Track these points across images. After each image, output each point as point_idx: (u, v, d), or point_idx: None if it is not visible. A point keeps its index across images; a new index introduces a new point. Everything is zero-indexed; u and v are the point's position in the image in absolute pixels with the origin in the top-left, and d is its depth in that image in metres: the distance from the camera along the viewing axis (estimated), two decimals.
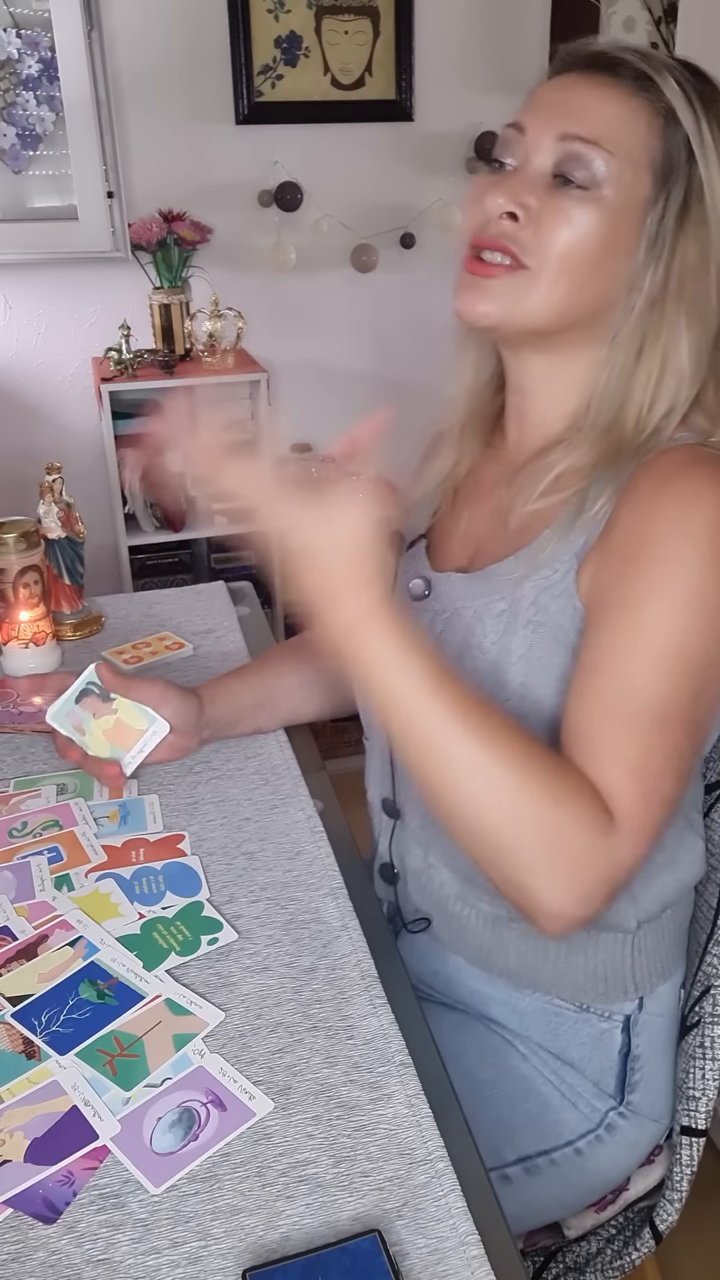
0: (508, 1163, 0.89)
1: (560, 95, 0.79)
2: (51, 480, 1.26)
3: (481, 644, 0.83)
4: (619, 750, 0.72)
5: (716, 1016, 0.88)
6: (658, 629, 0.72)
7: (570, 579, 0.79)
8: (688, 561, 0.72)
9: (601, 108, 0.77)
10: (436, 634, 0.87)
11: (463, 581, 0.88)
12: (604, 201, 0.77)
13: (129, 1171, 0.64)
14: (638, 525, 0.75)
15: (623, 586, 0.74)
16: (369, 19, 2.54)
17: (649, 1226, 0.92)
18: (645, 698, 0.72)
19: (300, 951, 0.80)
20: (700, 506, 0.73)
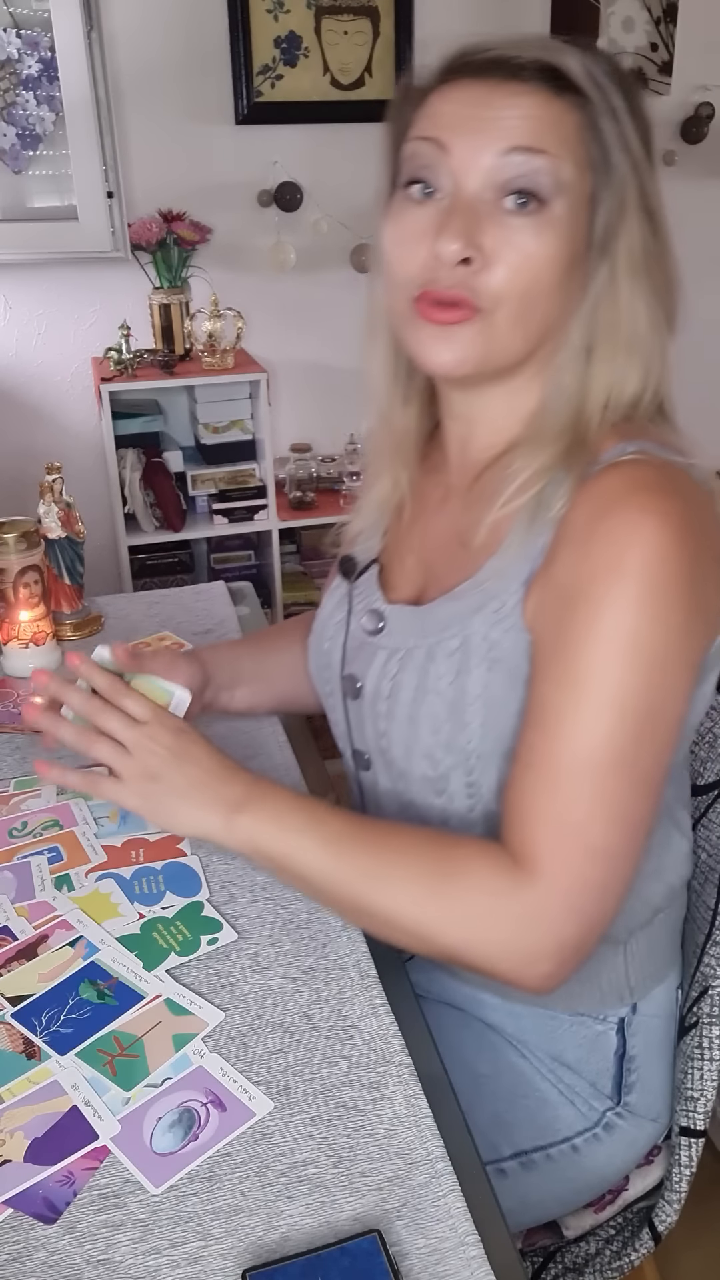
0: (503, 1157, 0.89)
1: (477, 107, 0.73)
2: (51, 480, 1.26)
3: (438, 686, 0.81)
4: (539, 804, 0.72)
5: (715, 1017, 0.88)
6: (591, 677, 0.71)
7: (518, 611, 0.77)
8: (621, 605, 0.70)
9: (530, 113, 0.72)
10: (392, 674, 0.85)
11: (414, 616, 0.86)
12: (557, 220, 0.73)
13: (129, 1171, 0.64)
14: (574, 564, 0.73)
15: (560, 635, 0.73)
16: (368, 19, 2.54)
17: (648, 1227, 0.92)
18: (575, 748, 0.71)
19: (300, 951, 0.80)
20: (633, 544, 0.70)
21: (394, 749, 0.85)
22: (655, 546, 0.70)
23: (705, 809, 0.97)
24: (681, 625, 0.71)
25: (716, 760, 0.97)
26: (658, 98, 2.82)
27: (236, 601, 1.43)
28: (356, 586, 0.94)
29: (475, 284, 0.73)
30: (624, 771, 0.71)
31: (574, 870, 0.71)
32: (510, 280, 0.73)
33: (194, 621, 1.35)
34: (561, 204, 0.72)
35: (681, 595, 0.70)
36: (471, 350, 0.76)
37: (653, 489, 0.72)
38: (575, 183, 0.73)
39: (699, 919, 0.95)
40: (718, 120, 2.88)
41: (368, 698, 0.88)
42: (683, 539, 0.70)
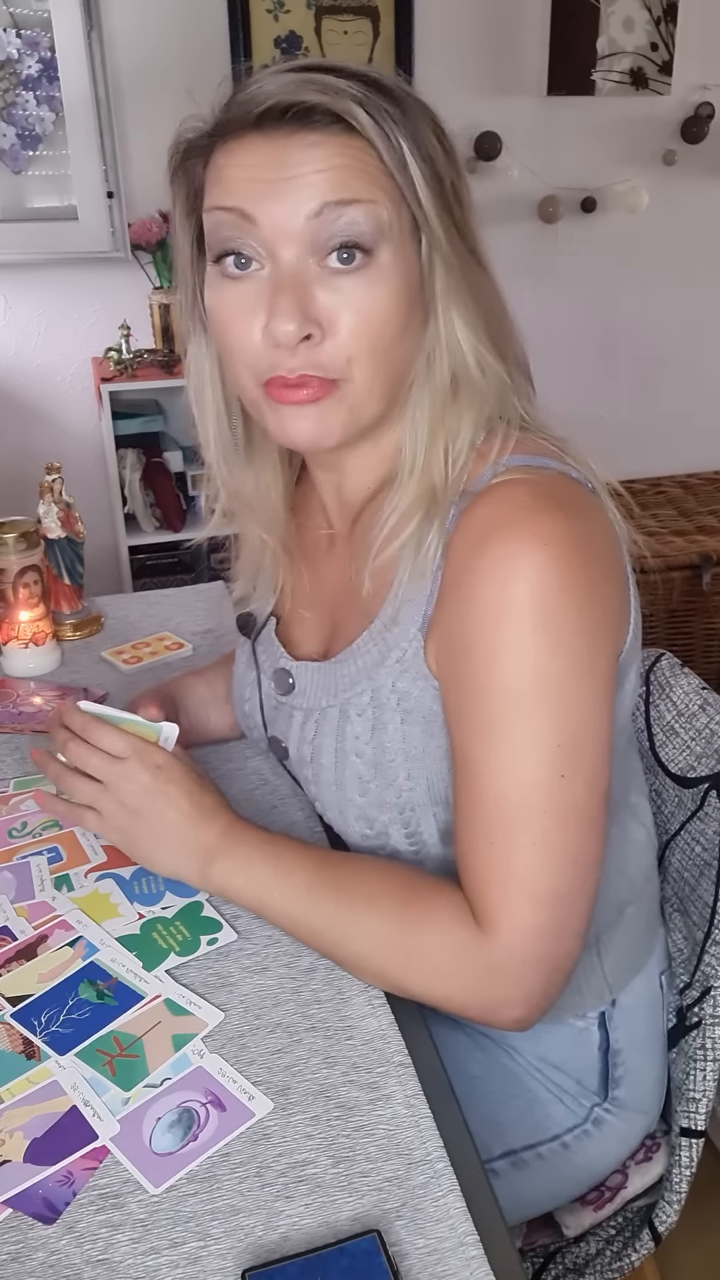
0: (494, 1157, 0.89)
1: (271, 168, 0.67)
2: (51, 480, 1.26)
3: (356, 746, 0.79)
4: (481, 860, 0.71)
5: (716, 1018, 0.88)
6: (502, 724, 0.69)
7: (419, 658, 0.75)
8: (517, 646, 0.67)
9: (332, 163, 0.66)
10: (310, 738, 0.83)
11: (321, 672, 0.83)
12: (385, 267, 0.68)
13: (129, 1171, 0.64)
14: (461, 607, 0.70)
15: (464, 684, 0.71)
16: (369, 19, 2.54)
17: (648, 1227, 0.92)
18: (501, 798, 0.70)
19: (299, 951, 0.80)
20: (516, 577, 0.66)
21: (328, 811, 0.84)
22: (540, 575, 0.66)
23: (701, 802, 0.97)
24: (584, 648, 0.69)
25: (712, 755, 0.97)
26: (658, 98, 2.82)
27: None
28: (259, 644, 0.93)
29: (321, 359, 0.69)
30: (556, 811, 0.69)
31: (525, 921, 0.70)
32: (356, 343, 0.69)
33: (194, 621, 1.35)
34: (387, 250, 0.68)
35: (579, 617, 0.68)
36: (334, 421, 0.72)
37: (527, 510, 0.68)
38: (394, 222, 0.68)
39: (698, 916, 0.94)
40: (718, 120, 2.88)
41: (293, 762, 0.87)
42: (568, 558, 0.67)
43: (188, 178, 0.75)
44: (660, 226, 2.93)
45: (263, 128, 0.67)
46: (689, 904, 0.97)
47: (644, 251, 2.95)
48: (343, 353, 0.69)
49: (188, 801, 0.80)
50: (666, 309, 3.06)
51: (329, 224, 0.67)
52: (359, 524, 0.83)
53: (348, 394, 0.72)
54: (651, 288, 3.01)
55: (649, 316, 3.06)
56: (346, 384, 0.71)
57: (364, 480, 0.82)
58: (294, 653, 0.89)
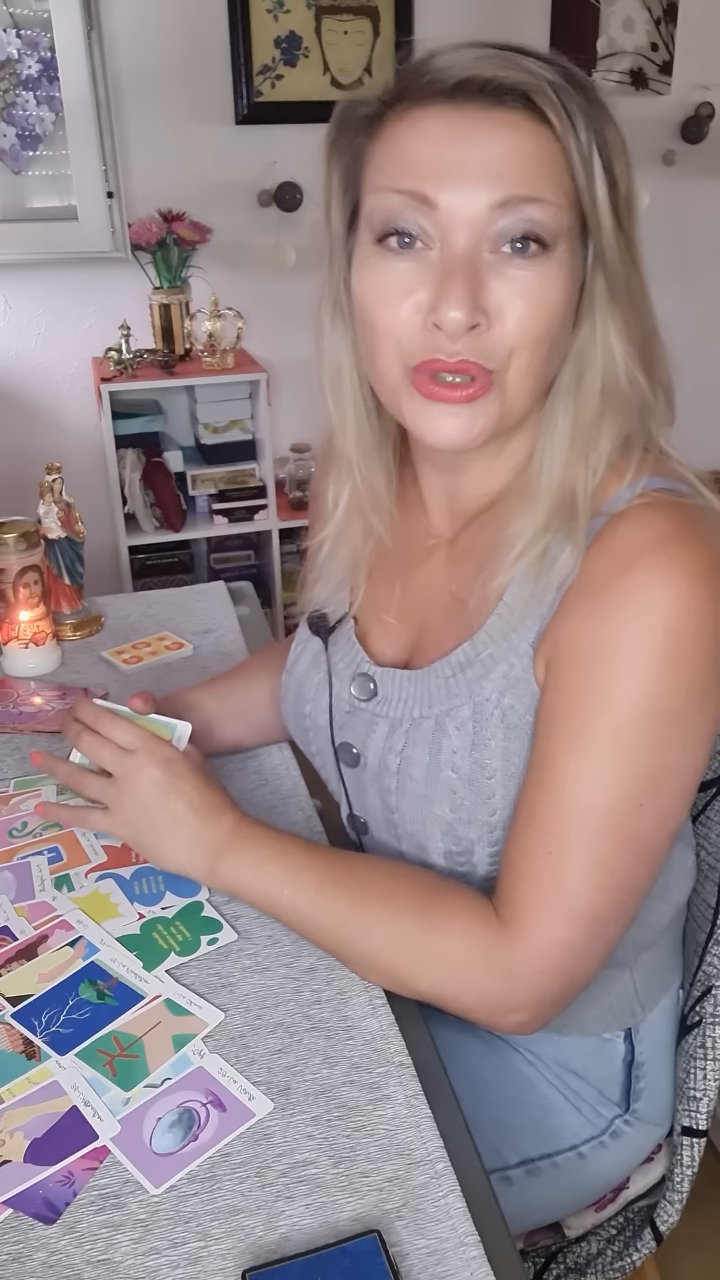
0: (509, 1165, 0.88)
1: (458, 146, 0.64)
2: (51, 480, 1.26)
3: (453, 761, 0.76)
4: (534, 865, 0.70)
5: (717, 1017, 0.88)
6: (600, 741, 0.67)
7: (528, 672, 0.73)
8: (641, 669, 0.66)
9: (521, 151, 0.64)
10: (398, 749, 0.80)
11: (412, 682, 0.80)
12: (560, 261, 0.66)
13: (129, 1172, 0.64)
14: (592, 622, 0.68)
15: (573, 694, 0.69)
16: (368, 19, 2.55)
17: (650, 1227, 0.92)
18: (576, 812, 0.69)
19: (300, 951, 0.80)
20: (659, 603, 0.65)
21: (407, 824, 0.81)
22: (683, 606, 0.65)
23: (704, 806, 0.97)
24: (703, 689, 0.67)
25: (716, 758, 0.97)
26: (658, 98, 2.82)
27: (236, 601, 1.42)
28: (331, 644, 0.88)
29: (483, 345, 0.67)
30: (623, 839, 0.69)
31: (555, 935, 0.70)
32: (523, 333, 0.67)
33: (194, 621, 1.35)
34: (563, 245, 0.67)
35: (707, 657, 0.67)
36: (485, 422, 0.70)
37: (676, 539, 0.67)
38: (571, 221, 0.67)
39: (700, 918, 0.94)
40: (718, 120, 2.88)
41: (371, 769, 0.83)
42: (711, 593, 0.66)
43: (350, 151, 0.71)
44: (660, 226, 2.93)
45: (455, 98, 0.65)
46: (693, 908, 0.97)
47: (644, 251, 2.95)
48: (507, 342, 0.67)
49: (197, 796, 0.80)
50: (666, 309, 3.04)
51: (510, 214, 0.65)
52: (469, 531, 0.81)
53: (502, 391, 0.69)
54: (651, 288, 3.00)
55: None
56: (503, 377, 0.68)
57: (483, 487, 0.79)
58: (375, 659, 0.85)
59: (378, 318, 0.69)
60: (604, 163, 0.66)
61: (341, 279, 0.74)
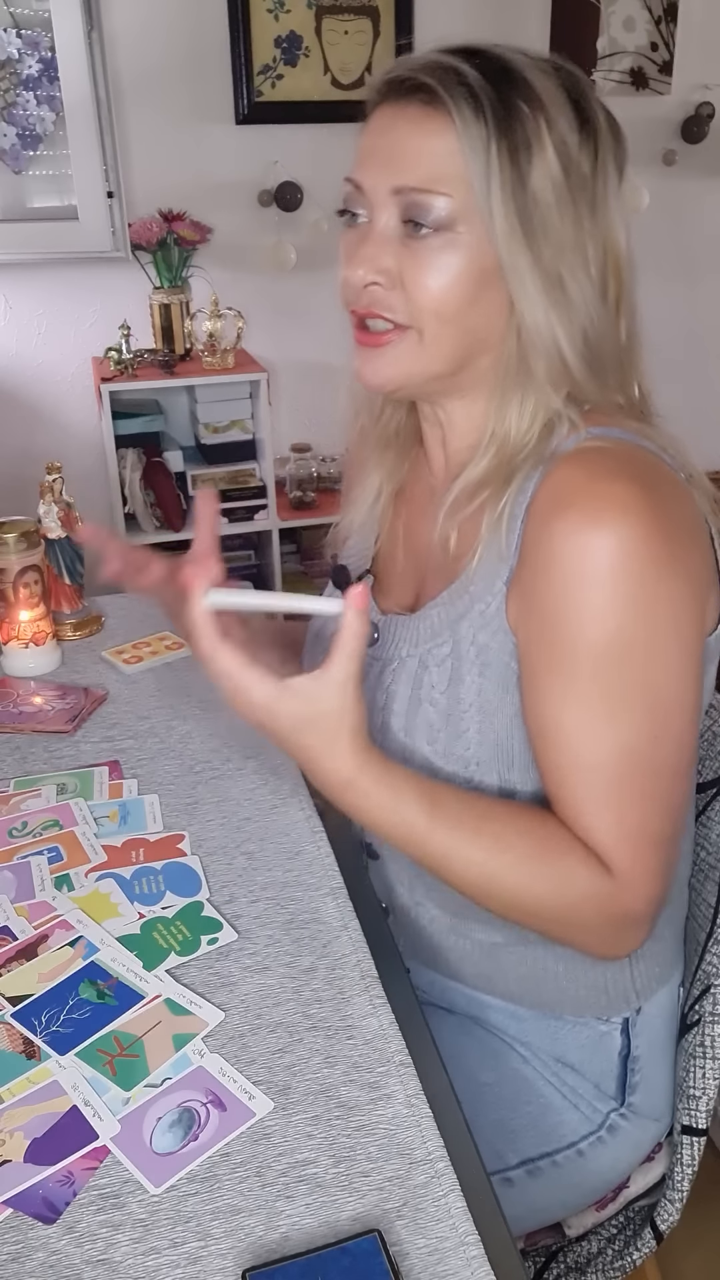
0: (510, 1165, 0.88)
1: (383, 140, 0.75)
2: (51, 480, 1.26)
3: (431, 695, 0.82)
4: (597, 820, 0.74)
5: (716, 1016, 0.88)
6: (592, 691, 0.71)
7: (501, 613, 0.78)
8: (603, 610, 0.70)
9: (426, 143, 0.73)
10: (386, 685, 0.85)
11: (405, 625, 0.86)
12: (460, 239, 0.73)
13: (129, 1171, 0.64)
14: (543, 568, 0.72)
15: (549, 649, 0.73)
16: (369, 19, 2.54)
17: (650, 1226, 0.92)
18: (603, 765, 0.72)
19: (300, 951, 0.80)
20: (597, 541, 0.69)
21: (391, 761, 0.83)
22: (620, 541, 0.69)
23: (704, 806, 0.97)
24: (667, 613, 0.71)
25: (716, 758, 0.97)
26: (658, 97, 2.82)
27: None
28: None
29: (390, 301, 0.76)
30: (653, 769, 0.73)
31: (649, 865, 0.74)
32: (419, 295, 0.75)
33: None
34: (465, 226, 0.73)
35: (661, 583, 0.70)
36: (398, 368, 0.78)
37: (610, 477, 0.71)
38: (482, 210, 0.72)
39: (700, 917, 0.94)
40: (718, 120, 2.88)
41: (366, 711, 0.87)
42: (649, 524, 0.69)
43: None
44: (660, 226, 2.93)
45: (387, 97, 0.75)
46: (692, 907, 0.97)
47: (644, 251, 2.93)
48: (410, 303, 0.76)
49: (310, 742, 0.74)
50: (666, 309, 3.05)
51: (408, 202, 0.74)
52: (446, 483, 0.85)
53: (414, 345, 0.77)
54: (651, 287, 2.98)
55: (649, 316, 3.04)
56: (414, 333, 0.77)
57: (466, 439, 0.84)
58: (383, 605, 0.91)
59: (341, 278, 0.80)
60: (507, 157, 0.71)
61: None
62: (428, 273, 0.75)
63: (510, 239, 0.73)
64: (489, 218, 0.73)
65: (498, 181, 0.72)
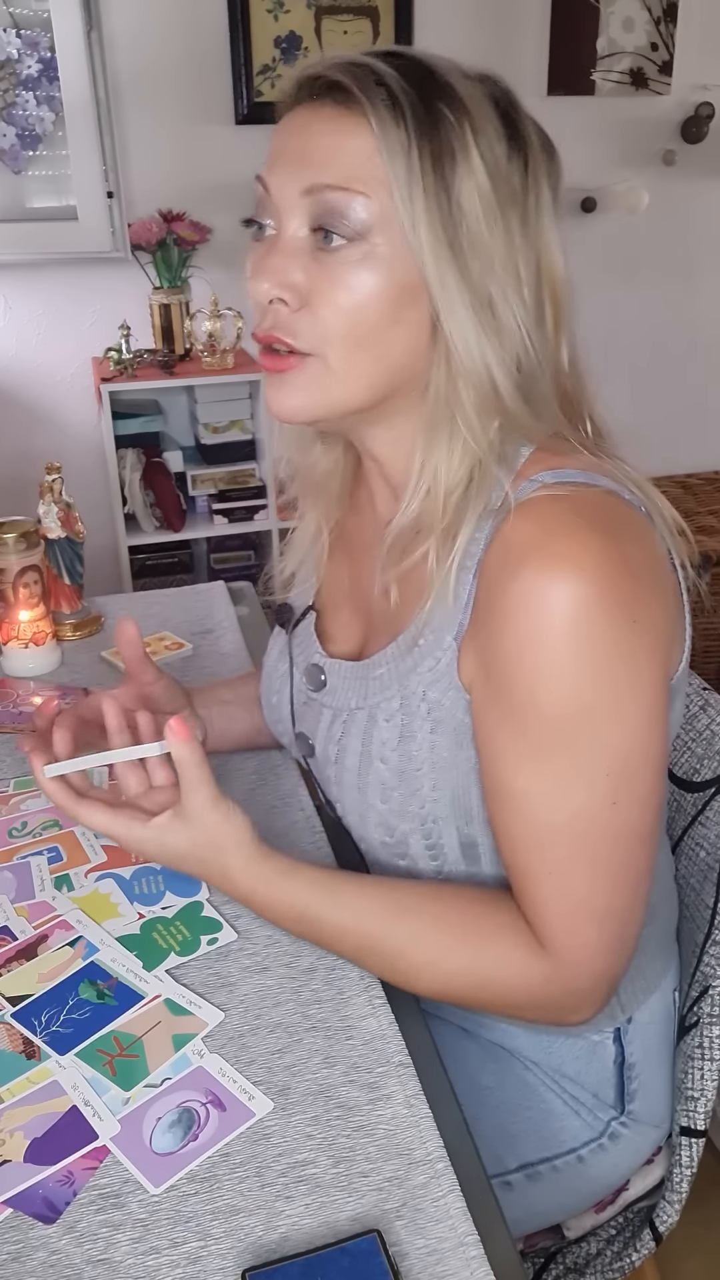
0: (509, 1169, 0.88)
1: (296, 139, 0.68)
2: (51, 480, 1.26)
3: (382, 752, 0.78)
4: (540, 890, 0.71)
5: (715, 1017, 0.88)
6: (550, 755, 0.68)
7: (453, 669, 0.73)
8: (558, 675, 0.66)
9: (344, 142, 0.66)
10: (336, 738, 0.82)
11: (353, 673, 0.82)
12: (377, 251, 0.66)
13: (129, 1171, 0.64)
14: (498, 630, 0.68)
15: (505, 712, 0.69)
16: (369, 19, 2.55)
17: (649, 1227, 0.92)
18: (554, 828, 0.69)
19: (300, 951, 0.80)
20: (552, 605, 0.64)
21: (349, 815, 0.83)
22: (575, 601, 0.64)
23: (703, 806, 0.97)
24: (626, 673, 0.67)
25: (714, 757, 0.97)
26: (658, 97, 2.82)
27: (236, 601, 1.43)
28: (295, 636, 0.91)
29: (295, 326, 0.69)
30: (610, 834, 0.69)
31: (590, 942, 0.72)
32: (333, 319, 0.68)
33: (194, 621, 1.35)
34: (380, 238, 0.66)
35: (619, 642, 0.66)
36: (304, 398, 0.71)
37: (565, 528, 0.66)
38: (399, 217, 0.66)
39: (698, 918, 0.94)
40: (718, 120, 2.88)
41: (318, 760, 0.86)
42: (607, 580, 0.65)
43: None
44: (660, 226, 2.93)
45: (299, 97, 0.69)
46: (691, 908, 0.97)
47: (644, 251, 2.95)
48: (320, 326, 0.69)
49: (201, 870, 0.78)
50: (666, 309, 3.06)
51: (321, 203, 0.67)
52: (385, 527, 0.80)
53: (324, 370, 0.70)
54: (651, 288, 3.01)
55: (648, 316, 3.06)
56: (323, 360, 0.70)
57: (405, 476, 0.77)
58: (329, 649, 0.87)
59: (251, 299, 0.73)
60: (431, 160, 0.65)
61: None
62: (339, 289, 0.68)
63: (435, 251, 0.66)
64: (411, 227, 0.66)
65: (420, 187, 0.65)
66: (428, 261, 0.67)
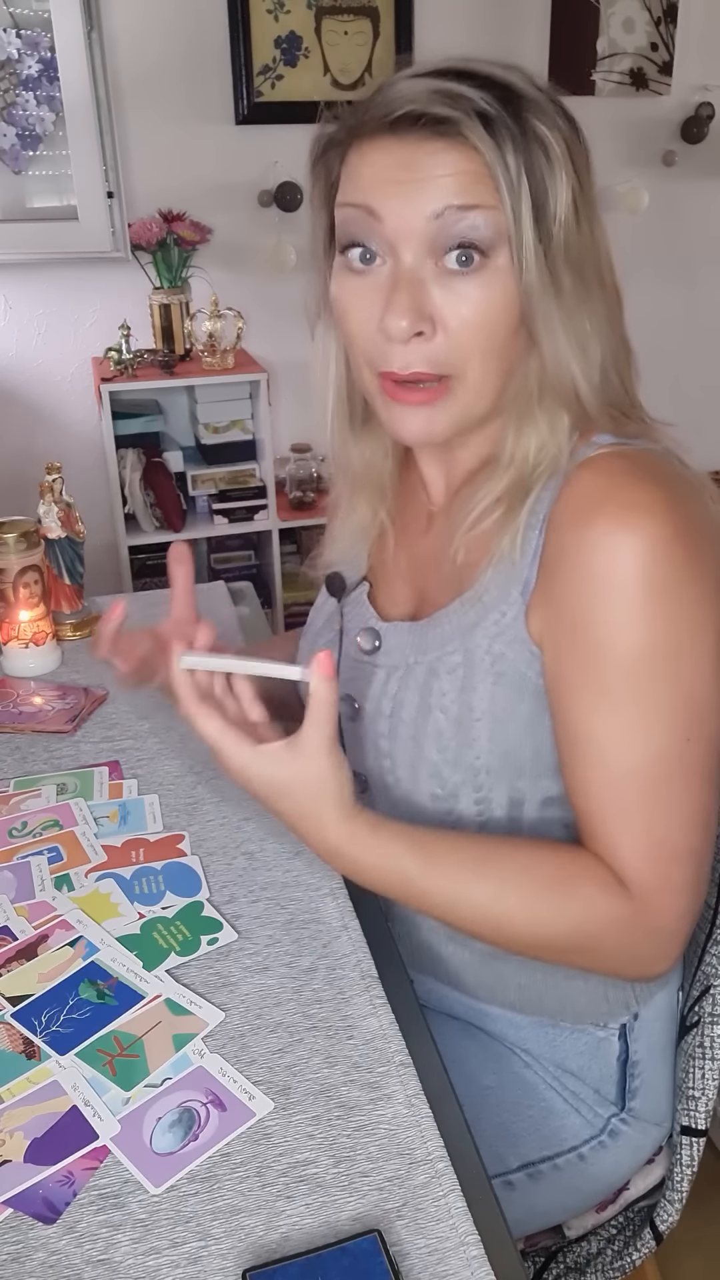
0: (511, 1169, 0.88)
1: (400, 170, 0.70)
2: (51, 480, 1.26)
3: (441, 703, 0.80)
4: (622, 833, 0.73)
5: (716, 1016, 0.88)
6: (624, 699, 0.71)
7: (520, 623, 0.76)
8: (632, 619, 0.69)
9: (458, 166, 0.69)
10: (392, 693, 0.84)
11: (412, 632, 0.84)
12: (501, 270, 0.70)
13: (129, 1171, 0.64)
14: (571, 580, 0.72)
15: (579, 660, 0.72)
16: (369, 19, 2.55)
17: (649, 1227, 0.92)
18: (633, 771, 0.71)
19: (300, 951, 0.80)
20: (624, 550, 0.69)
21: (399, 769, 0.83)
22: (647, 546, 0.68)
23: None
24: (697, 614, 0.70)
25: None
26: (658, 98, 2.82)
27: (236, 601, 1.43)
28: (346, 604, 0.92)
29: (433, 355, 0.72)
30: (684, 772, 0.72)
31: (673, 881, 0.73)
32: (468, 343, 0.72)
33: None
34: (503, 254, 0.70)
35: (689, 585, 0.70)
36: (444, 421, 0.76)
37: (632, 482, 0.71)
38: (512, 228, 0.70)
39: (700, 918, 0.94)
40: (718, 120, 2.88)
41: (368, 718, 0.86)
42: (673, 526, 0.69)
43: (326, 170, 0.77)
44: (660, 227, 2.93)
45: (396, 131, 0.70)
46: None
47: (644, 252, 2.95)
48: (455, 351, 0.72)
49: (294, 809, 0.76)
50: (666, 309, 3.06)
51: (449, 226, 0.69)
52: (458, 498, 0.84)
53: (458, 393, 0.74)
54: (651, 288, 3.01)
55: (649, 316, 3.05)
56: (457, 381, 0.74)
57: (469, 463, 0.84)
58: (383, 616, 0.90)
59: (349, 328, 0.76)
60: (531, 177, 0.69)
61: (326, 283, 0.80)
62: (474, 309, 0.71)
63: (538, 264, 0.70)
64: (519, 244, 0.70)
65: (527, 204, 0.69)
66: (533, 275, 0.70)
